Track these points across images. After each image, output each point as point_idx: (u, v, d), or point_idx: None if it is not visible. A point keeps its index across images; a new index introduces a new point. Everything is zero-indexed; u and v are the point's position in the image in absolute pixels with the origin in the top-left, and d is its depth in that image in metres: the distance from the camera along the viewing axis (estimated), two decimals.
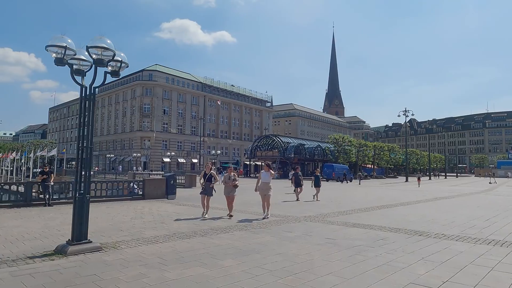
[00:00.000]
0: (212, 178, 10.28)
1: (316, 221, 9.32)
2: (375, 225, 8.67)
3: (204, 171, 10.47)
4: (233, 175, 10.25)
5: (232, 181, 10.07)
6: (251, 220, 9.50)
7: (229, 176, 10.22)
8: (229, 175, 10.26)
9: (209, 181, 10.13)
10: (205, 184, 10.13)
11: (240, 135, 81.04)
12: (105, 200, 14.70)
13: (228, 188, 10.11)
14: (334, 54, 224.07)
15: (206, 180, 10.13)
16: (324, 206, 13.63)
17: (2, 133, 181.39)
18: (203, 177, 10.25)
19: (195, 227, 8.21)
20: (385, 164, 71.95)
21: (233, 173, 10.34)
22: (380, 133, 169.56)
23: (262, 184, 9.99)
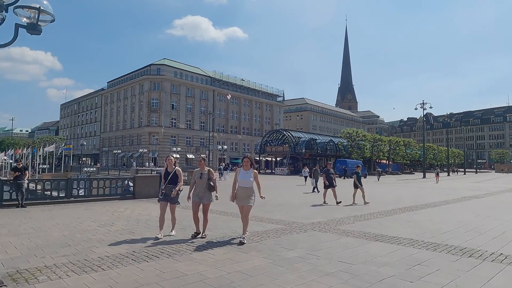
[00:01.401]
0: (177, 178, 6.83)
1: (326, 230, 7.41)
2: (403, 237, 6.70)
3: (166, 168, 7.03)
4: (208, 171, 6.74)
5: (207, 180, 6.59)
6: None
7: (200, 174, 6.66)
8: (200, 171, 6.70)
9: (172, 183, 6.81)
10: (165, 188, 6.80)
11: (250, 130, 79.17)
12: (90, 200, 13.11)
13: (200, 191, 6.63)
14: (347, 48, 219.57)
15: (168, 181, 6.81)
16: (337, 208, 11.68)
17: (19, 129, 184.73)
18: (164, 176, 6.90)
19: (167, 241, 6.40)
20: (401, 160, 69.12)
21: (207, 168, 6.80)
22: (394, 128, 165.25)
23: (240, 190, 6.36)
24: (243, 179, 6.26)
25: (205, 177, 6.63)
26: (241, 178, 6.29)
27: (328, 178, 13.41)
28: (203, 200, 6.63)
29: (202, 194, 6.64)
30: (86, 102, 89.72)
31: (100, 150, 78.80)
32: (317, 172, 18.85)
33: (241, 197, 6.31)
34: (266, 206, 12.01)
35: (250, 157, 6.52)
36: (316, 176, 18.66)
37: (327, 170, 13.72)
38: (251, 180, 6.26)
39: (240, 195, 6.32)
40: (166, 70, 65.77)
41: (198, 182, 6.67)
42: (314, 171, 19.01)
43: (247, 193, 6.29)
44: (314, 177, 18.81)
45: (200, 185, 6.60)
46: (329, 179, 13.35)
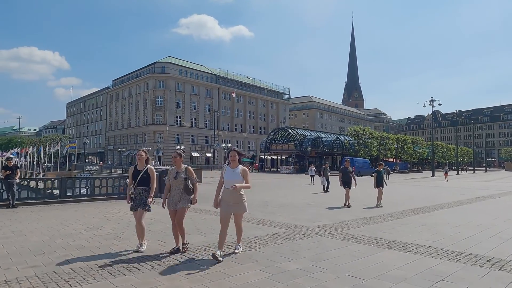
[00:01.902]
0: (148, 179, 5.52)
1: (332, 236, 6.71)
2: (419, 244, 5.98)
3: (135, 166, 5.62)
4: (185, 169, 5.41)
5: (184, 180, 5.29)
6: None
7: (175, 173, 5.37)
8: (176, 169, 5.41)
9: (143, 184, 5.47)
10: (135, 191, 5.48)
11: (256, 128, 78.49)
12: (85, 200, 12.54)
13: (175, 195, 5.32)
14: (353, 46, 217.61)
15: (138, 182, 5.47)
16: (344, 209, 10.96)
17: (27, 128, 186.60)
18: (132, 177, 5.54)
19: (153, 248, 5.76)
20: (408, 158, 67.95)
21: (184, 166, 5.47)
22: (402, 126, 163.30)
23: (226, 193, 5.05)
24: (230, 179, 4.97)
25: (182, 177, 5.29)
26: (228, 178, 5.01)
27: (346, 177, 12.02)
28: (178, 205, 5.29)
29: (178, 199, 5.29)
30: (91, 100, 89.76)
31: (105, 148, 78.74)
32: (327, 170, 17.84)
33: (228, 202, 5.00)
34: (268, 206, 11.35)
35: (238, 150, 5.25)
36: (326, 175, 17.64)
37: (344, 169, 12.30)
38: (240, 180, 4.98)
39: (227, 200, 5.00)
40: (171, 68, 65.31)
41: (173, 184, 5.32)
42: (324, 169, 17.96)
43: (236, 197, 5.00)
44: (324, 176, 17.75)
45: (176, 188, 5.29)
46: (347, 179, 11.99)
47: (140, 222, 5.48)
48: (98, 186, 13.33)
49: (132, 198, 5.51)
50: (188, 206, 5.38)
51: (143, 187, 5.51)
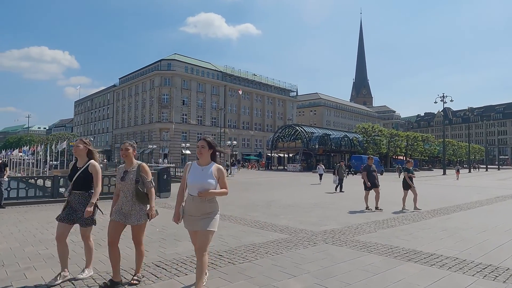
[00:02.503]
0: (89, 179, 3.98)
1: (342, 243, 5.87)
2: (444, 254, 5.11)
3: (75, 162, 4.12)
4: (138, 167, 3.87)
5: (134, 183, 3.78)
6: (237, 246, 6.17)
7: (123, 172, 3.86)
8: (125, 168, 3.90)
9: (80, 187, 3.96)
10: (70, 196, 4.01)
11: (263, 126, 77.64)
12: None
13: (124, 203, 3.80)
14: (361, 42, 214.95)
15: (73, 185, 3.97)
16: (354, 210, 10.09)
17: (37, 127, 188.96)
18: (69, 176, 4.07)
19: None
20: (418, 156, 66.41)
21: (137, 162, 3.94)
22: (411, 123, 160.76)
23: (188, 202, 3.48)
24: (197, 182, 3.37)
25: (131, 178, 3.75)
26: (193, 180, 3.40)
27: (370, 176, 10.60)
28: (130, 220, 3.73)
29: (128, 209, 3.73)
30: (98, 99, 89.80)
31: (112, 146, 78.69)
32: (341, 169, 16.63)
33: (192, 214, 3.39)
34: (271, 207, 10.55)
35: (210, 140, 3.55)
36: (340, 174, 16.39)
37: (368, 167, 10.85)
38: (211, 183, 3.37)
39: (191, 212, 3.39)
40: (177, 65, 64.77)
41: (121, 188, 3.80)
42: (339, 168, 16.68)
43: (203, 208, 3.37)
44: (338, 175, 16.47)
45: (125, 194, 3.76)
46: (372, 178, 10.60)
47: (88, 243, 4.10)
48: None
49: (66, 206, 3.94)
50: (144, 221, 3.83)
51: (80, 192, 3.91)
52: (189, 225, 3.50)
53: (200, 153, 3.50)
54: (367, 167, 10.93)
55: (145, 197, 3.82)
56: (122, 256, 4.89)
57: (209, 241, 3.43)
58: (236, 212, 9.43)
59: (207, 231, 3.37)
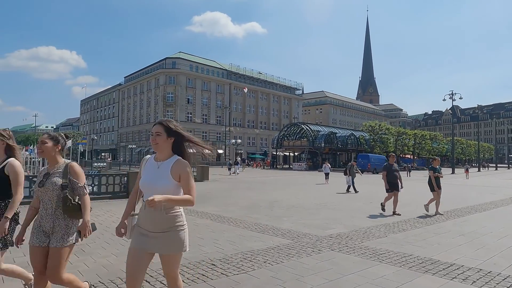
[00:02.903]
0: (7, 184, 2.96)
1: (349, 250, 5.32)
2: (466, 265, 4.55)
3: None
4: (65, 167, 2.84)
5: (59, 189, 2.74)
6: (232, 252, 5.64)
7: (44, 175, 2.82)
8: (48, 170, 2.84)
9: None
10: None
11: (268, 124, 77.08)
12: None
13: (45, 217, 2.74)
14: (368, 40, 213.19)
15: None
16: (362, 211, 9.53)
17: (44, 126, 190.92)
18: None
19: None
20: (426, 155, 65.37)
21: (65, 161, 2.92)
22: (418, 121, 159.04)
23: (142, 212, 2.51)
24: (151, 183, 2.46)
25: (54, 182, 2.75)
26: (144, 180, 2.52)
27: (392, 176, 9.45)
28: (52, 240, 2.71)
29: (50, 225, 2.73)
30: (104, 97, 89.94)
31: (117, 145, 78.74)
32: (354, 169, 15.86)
33: (146, 229, 2.43)
34: (274, 208, 10.02)
35: (171, 124, 2.58)
36: (352, 173, 15.62)
37: (389, 166, 9.62)
38: (165, 186, 2.41)
39: (144, 225, 2.45)
40: (182, 63, 64.45)
41: (40, 196, 2.79)
42: (350, 167, 15.82)
43: (160, 221, 2.41)
44: (350, 174, 15.56)
45: (45, 203, 2.76)
46: (393, 178, 9.43)
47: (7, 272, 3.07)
48: (90, 184, 12.27)
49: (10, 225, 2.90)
50: (70, 243, 2.75)
51: None
52: (139, 243, 2.40)
53: (155, 143, 2.47)
54: (387, 166, 9.64)
55: (76, 209, 2.75)
56: (104, 265, 4.42)
57: (178, 265, 2.50)
58: (237, 214, 8.92)
59: (173, 256, 2.43)
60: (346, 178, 15.81)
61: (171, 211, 2.42)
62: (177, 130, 2.56)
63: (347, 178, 15.74)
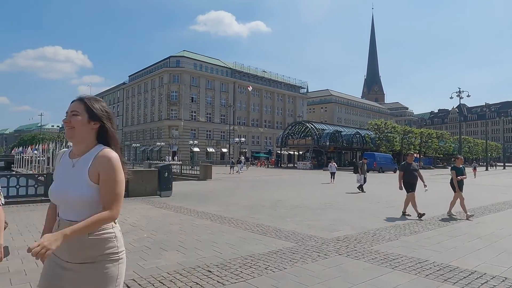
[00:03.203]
0: None
1: (358, 255, 4.91)
2: (489, 273, 4.11)
3: None
4: None
5: None
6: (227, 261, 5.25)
7: None
8: None
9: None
10: None
11: (272, 123, 76.63)
12: None
13: None
14: (373, 38, 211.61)
15: None
16: (369, 212, 9.09)
17: (50, 125, 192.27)
18: None
19: None
20: (433, 153, 64.56)
21: None
22: (424, 120, 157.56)
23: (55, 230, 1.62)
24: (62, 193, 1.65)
25: None
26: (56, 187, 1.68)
27: (410, 176, 8.50)
28: None
29: None
30: (108, 96, 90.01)
31: (122, 144, 78.78)
32: (365, 167, 15.22)
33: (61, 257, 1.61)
34: (278, 208, 9.62)
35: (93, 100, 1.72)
36: (364, 172, 14.93)
37: (406, 166, 8.61)
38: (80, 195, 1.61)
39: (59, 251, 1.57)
40: (186, 62, 64.17)
41: None
42: (362, 165, 15.07)
43: (83, 245, 1.59)
44: (362, 173, 14.78)
45: None
46: (412, 178, 8.49)
47: None
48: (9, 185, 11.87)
49: None
50: None
51: None
52: (50, 278, 1.62)
53: (69, 127, 1.66)
54: (405, 165, 8.67)
55: None
56: None
57: None
58: (238, 214, 8.53)
59: None
60: (357, 177, 14.93)
61: (98, 232, 1.61)
62: (104, 114, 1.73)
63: (359, 177, 14.89)
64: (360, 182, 14.81)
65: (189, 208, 9.52)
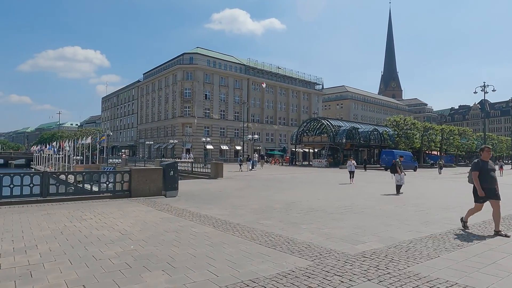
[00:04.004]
0: None
1: (393, 281, 3.79)
2: None
3: None
4: None
5: None
6: None
7: None
8: None
9: None
10: None
11: (287, 120, 75.28)
12: (72, 199, 10.36)
13: None
14: (390, 33, 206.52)
15: None
16: (396, 217, 7.90)
17: (69, 123, 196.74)
18: None
19: None
20: (454, 151, 61.99)
21: None
22: (444, 116, 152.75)
23: None
24: None
25: None
26: None
27: (488, 179, 6.30)
28: None
29: None
30: (124, 94, 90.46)
31: (137, 141, 78.93)
32: (401, 166, 13.43)
33: None
34: (291, 212, 8.55)
35: None
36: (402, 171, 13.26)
37: (482, 164, 6.42)
38: None
39: None
40: (199, 59, 63.52)
41: None
42: (400, 164, 13.37)
43: None
44: (401, 172, 13.16)
45: None
46: (490, 182, 6.29)
47: None
48: (89, 182, 11.16)
49: None
50: None
51: None
52: None
53: None
54: (479, 163, 6.45)
55: None
56: None
57: None
58: (246, 219, 7.51)
59: None
60: (397, 177, 13.15)
61: None
62: None
63: (398, 177, 13.12)
64: (400, 183, 13.10)
65: (192, 211, 8.56)
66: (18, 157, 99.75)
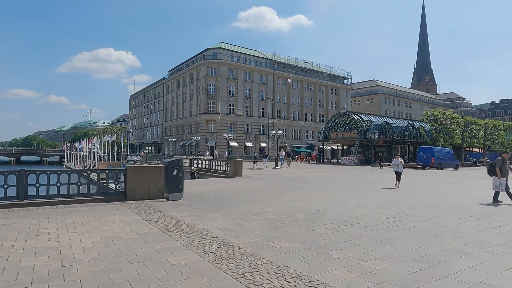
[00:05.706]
0: None
1: None
2: None
3: None
4: None
5: None
6: None
7: None
8: None
9: None
10: None
11: (314, 116, 72.27)
12: (53, 203, 8.65)
13: None
14: (424, 25, 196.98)
15: None
16: (471, 237, 5.50)
17: (102, 122, 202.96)
18: None
19: None
20: (499, 148, 56.82)
21: None
22: (484, 111, 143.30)
23: None
24: None
25: None
26: None
27: None
28: None
29: None
30: (150, 92, 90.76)
31: (162, 139, 78.74)
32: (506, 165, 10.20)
33: None
34: (317, 225, 6.32)
35: None
36: (505, 173, 10.06)
37: None
38: None
39: None
40: (223, 54, 61.88)
41: None
42: (503, 163, 10.19)
43: None
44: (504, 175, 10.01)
45: None
46: None
47: None
48: (75, 183, 9.43)
49: None
50: None
51: None
52: None
53: None
54: None
55: None
56: None
57: None
58: (253, 238, 5.38)
59: None
60: (495, 181, 10.09)
61: None
62: None
63: (497, 181, 10.00)
64: (499, 189, 9.95)
65: (187, 223, 6.54)
66: (52, 154, 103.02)
